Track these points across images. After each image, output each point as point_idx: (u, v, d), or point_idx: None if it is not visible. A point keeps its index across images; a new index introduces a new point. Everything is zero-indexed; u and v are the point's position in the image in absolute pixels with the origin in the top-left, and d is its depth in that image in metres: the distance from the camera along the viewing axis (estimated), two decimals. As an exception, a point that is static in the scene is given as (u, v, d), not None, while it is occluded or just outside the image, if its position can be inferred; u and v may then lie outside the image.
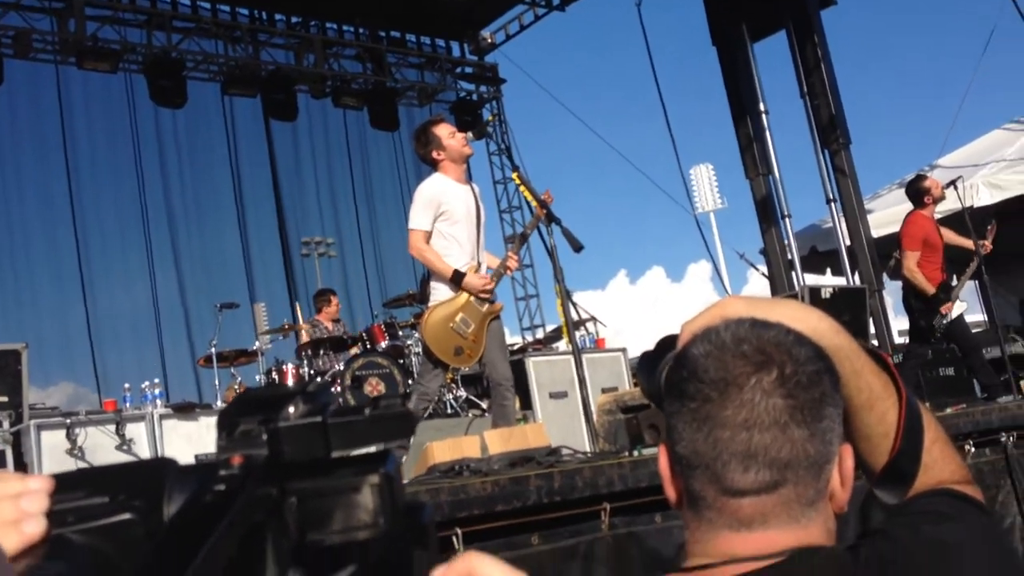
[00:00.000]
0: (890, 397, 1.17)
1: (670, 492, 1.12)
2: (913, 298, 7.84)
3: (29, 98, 11.75)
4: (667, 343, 1.18)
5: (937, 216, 8.15)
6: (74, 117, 11.96)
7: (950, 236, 7.97)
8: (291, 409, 0.59)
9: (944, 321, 7.62)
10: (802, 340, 1.07)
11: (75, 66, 11.49)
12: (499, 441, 5.30)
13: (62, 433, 5.78)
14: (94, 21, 11.59)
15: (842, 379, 1.10)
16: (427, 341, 5.55)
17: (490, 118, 14.90)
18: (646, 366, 1.20)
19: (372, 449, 0.61)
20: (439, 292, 5.60)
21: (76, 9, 11.27)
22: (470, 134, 5.86)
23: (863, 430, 1.17)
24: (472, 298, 5.53)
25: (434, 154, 5.66)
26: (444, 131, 5.69)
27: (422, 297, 6.19)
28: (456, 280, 5.50)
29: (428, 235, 5.54)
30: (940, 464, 1.20)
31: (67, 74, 11.83)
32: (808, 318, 1.14)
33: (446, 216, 5.55)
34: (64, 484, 0.58)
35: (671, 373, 1.11)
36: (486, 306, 5.57)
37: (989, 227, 8.00)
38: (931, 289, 7.64)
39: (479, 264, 5.64)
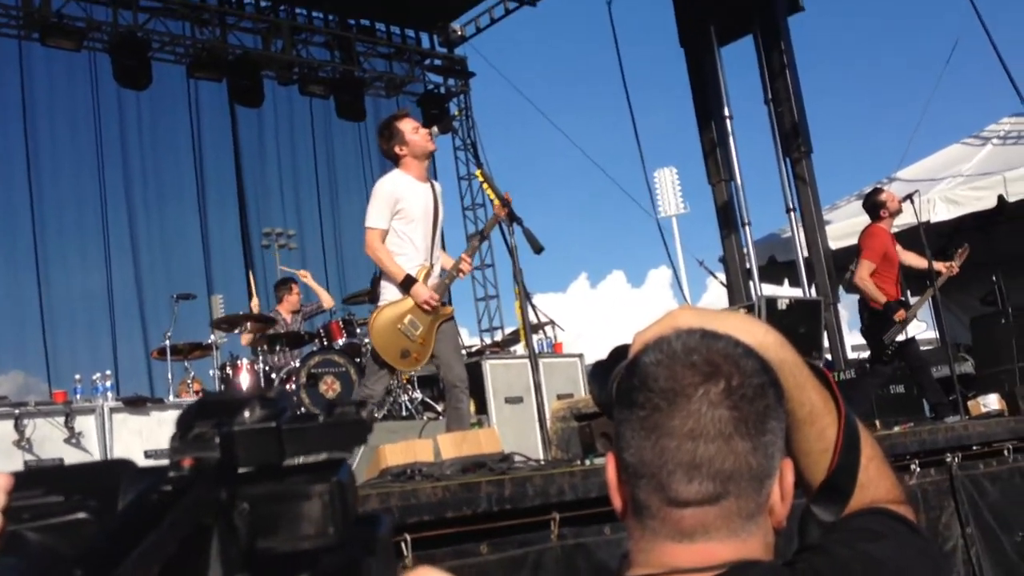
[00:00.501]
0: (830, 414, 1.18)
1: (616, 501, 1.13)
2: (867, 313, 7.89)
3: (-11, 74, 11.55)
4: (620, 352, 1.18)
5: (894, 230, 8.21)
6: (35, 95, 11.76)
7: (909, 258, 7.99)
8: (246, 413, 0.60)
9: (896, 335, 7.63)
10: (749, 352, 1.09)
11: (39, 42, 11.33)
12: (452, 446, 5.30)
13: (10, 424, 5.70)
14: (60, -4, 11.43)
15: (785, 393, 1.12)
16: (374, 342, 5.52)
17: (456, 113, 14.89)
18: (599, 375, 1.20)
19: (325, 456, 0.62)
20: (389, 292, 5.56)
21: (41, -17, 11.11)
22: (435, 129, 5.84)
23: (803, 445, 1.18)
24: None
25: (396, 149, 5.62)
26: (408, 126, 5.65)
27: (372, 296, 6.15)
28: (406, 285, 5.46)
29: (384, 234, 5.51)
30: (876, 483, 1.21)
31: (30, 50, 11.65)
32: (755, 331, 1.15)
33: (402, 215, 5.51)
34: (22, 482, 0.59)
35: (622, 381, 1.12)
36: (437, 308, 5.54)
37: (960, 250, 7.99)
38: (882, 298, 7.64)
39: (432, 266, 5.61)
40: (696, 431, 1.03)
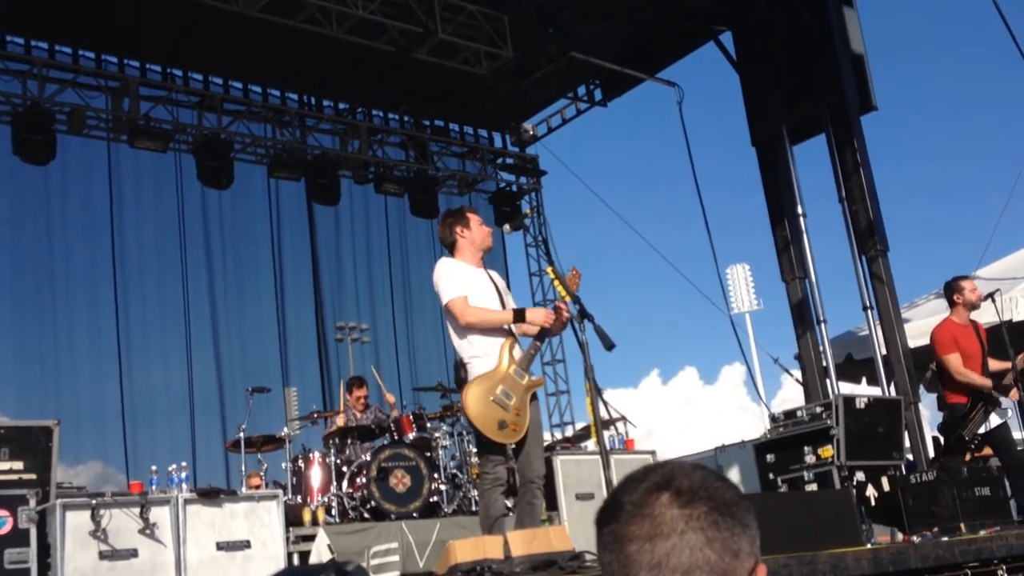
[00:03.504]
0: None
1: None
2: (947, 409, 7.67)
3: (80, 174, 12.00)
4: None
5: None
6: (123, 194, 12.20)
7: (993, 365, 7.77)
8: None
9: (976, 429, 7.35)
10: (709, 470, 1.20)
11: (127, 144, 11.78)
12: (522, 543, 5.23)
13: (87, 514, 5.78)
14: (147, 101, 11.95)
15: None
16: (470, 416, 5.32)
17: (528, 211, 15.07)
18: None
19: None
20: (476, 366, 5.41)
21: (131, 89, 11.62)
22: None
23: None
24: (512, 369, 5.35)
25: (459, 231, 5.58)
26: (476, 218, 5.68)
27: (458, 382, 6.07)
28: (519, 317, 5.37)
29: (467, 300, 5.40)
30: None
31: (118, 151, 12.09)
32: None
33: (471, 292, 5.46)
34: None
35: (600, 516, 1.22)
36: (526, 378, 5.39)
37: None
38: (987, 383, 7.36)
39: (516, 338, 5.47)
40: (652, 533, 1.12)
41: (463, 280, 5.48)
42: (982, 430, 7.39)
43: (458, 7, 11.30)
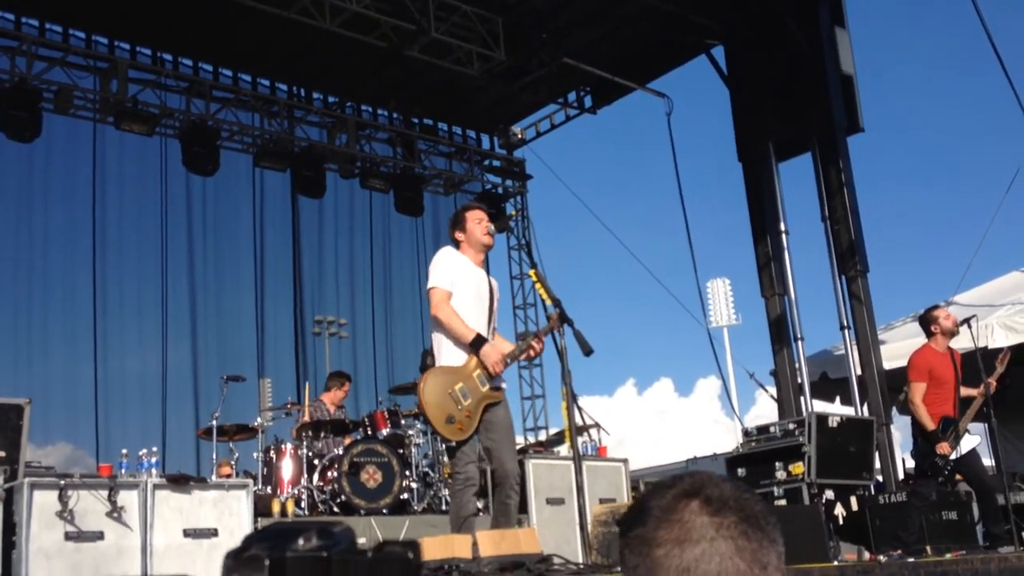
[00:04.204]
0: None
1: None
2: (920, 435, 7.73)
3: (65, 154, 11.92)
4: None
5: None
6: (106, 176, 12.12)
7: (965, 391, 7.84)
8: (301, 541, 0.61)
9: (948, 457, 7.46)
10: (736, 483, 1.19)
11: (113, 126, 11.70)
12: (491, 544, 5.24)
13: (55, 494, 5.71)
14: (136, 84, 11.88)
15: None
16: (422, 400, 5.36)
17: (513, 213, 15.08)
18: None
19: None
20: (446, 356, 5.46)
21: (120, 71, 11.56)
22: (492, 226, 5.91)
23: None
24: (477, 373, 5.39)
25: (456, 234, 5.73)
26: (474, 215, 5.73)
27: (423, 368, 6.08)
28: (476, 344, 5.38)
29: (449, 295, 5.47)
30: None
31: (104, 133, 12.01)
32: None
33: (457, 288, 5.52)
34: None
35: (628, 520, 1.20)
36: (487, 387, 5.43)
37: (1001, 355, 7.86)
38: (931, 424, 7.50)
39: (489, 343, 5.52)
40: (681, 538, 1.11)
41: (455, 273, 5.54)
42: (953, 456, 7.46)
43: (452, 7, 11.32)
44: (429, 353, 5.67)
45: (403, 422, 8.95)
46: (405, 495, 8.34)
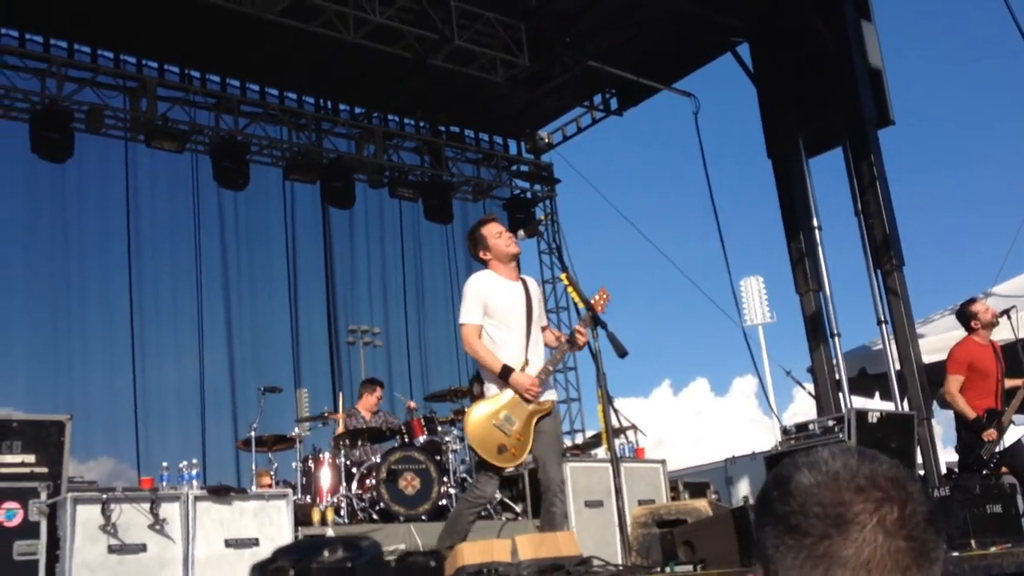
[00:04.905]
0: None
1: None
2: (963, 428, 7.64)
3: (97, 172, 12.07)
4: None
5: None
6: (139, 193, 12.26)
7: (1009, 382, 7.75)
8: (327, 553, 0.61)
9: (993, 449, 7.38)
10: (913, 477, 1.05)
11: (144, 144, 11.84)
12: (530, 547, 5.23)
13: (97, 508, 5.80)
14: (165, 101, 12.01)
15: None
16: (468, 439, 5.48)
17: (542, 217, 15.08)
18: None
19: None
20: (488, 387, 5.55)
21: (148, 89, 11.69)
22: (521, 232, 5.94)
23: None
24: (518, 396, 5.46)
25: (481, 254, 5.74)
26: (491, 231, 5.73)
27: (472, 396, 6.14)
28: (504, 375, 5.43)
29: (479, 329, 5.54)
30: None
31: (135, 151, 12.15)
32: None
33: (491, 313, 5.55)
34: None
35: (775, 502, 1.09)
36: (532, 404, 5.48)
37: None
38: (971, 413, 7.42)
39: (528, 362, 5.55)
40: (872, 562, 0.99)
41: (484, 299, 5.57)
42: (998, 448, 7.37)
43: (475, 14, 11.34)
44: (478, 381, 5.70)
45: (440, 429, 8.98)
46: (443, 501, 8.36)
